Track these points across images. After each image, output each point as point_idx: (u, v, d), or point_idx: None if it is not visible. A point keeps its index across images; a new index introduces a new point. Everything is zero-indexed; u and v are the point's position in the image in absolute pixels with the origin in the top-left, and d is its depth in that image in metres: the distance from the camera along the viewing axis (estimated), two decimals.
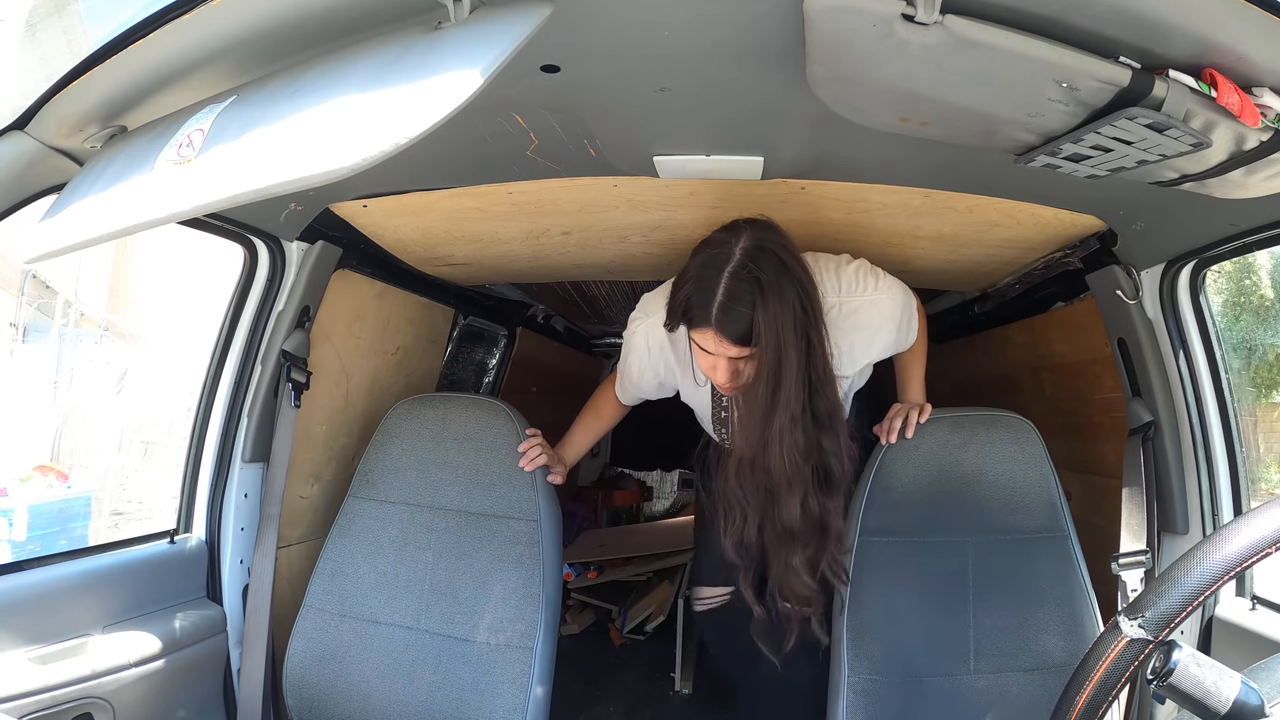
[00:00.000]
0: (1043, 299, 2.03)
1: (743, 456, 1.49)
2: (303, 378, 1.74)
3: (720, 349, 1.40)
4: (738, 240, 1.39)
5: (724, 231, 1.43)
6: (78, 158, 1.17)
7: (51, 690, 1.31)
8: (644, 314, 1.68)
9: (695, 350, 1.47)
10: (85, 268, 9.30)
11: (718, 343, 1.39)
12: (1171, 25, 0.86)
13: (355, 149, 0.80)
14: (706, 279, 1.38)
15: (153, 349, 8.90)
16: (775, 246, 1.40)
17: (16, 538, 5.33)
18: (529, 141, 1.33)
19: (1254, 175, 1.05)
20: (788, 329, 1.38)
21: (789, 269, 1.39)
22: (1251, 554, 0.76)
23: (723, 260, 1.37)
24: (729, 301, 1.35)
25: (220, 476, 1.72)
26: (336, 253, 1.78)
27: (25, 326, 9.21)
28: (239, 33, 0.96)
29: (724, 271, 1.37)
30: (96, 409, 8.47)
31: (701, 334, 1.40)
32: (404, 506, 1.78)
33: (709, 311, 1.37)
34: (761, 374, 1.40)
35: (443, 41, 0.85)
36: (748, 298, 1.35)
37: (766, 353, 1.38)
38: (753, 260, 1.37)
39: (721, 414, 1.71)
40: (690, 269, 1.42)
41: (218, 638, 1.65)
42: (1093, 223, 1.60)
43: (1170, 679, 0.74)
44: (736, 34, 0.98)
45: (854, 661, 1.59)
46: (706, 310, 1.37)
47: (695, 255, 1.44)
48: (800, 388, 1.43)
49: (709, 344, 1.40)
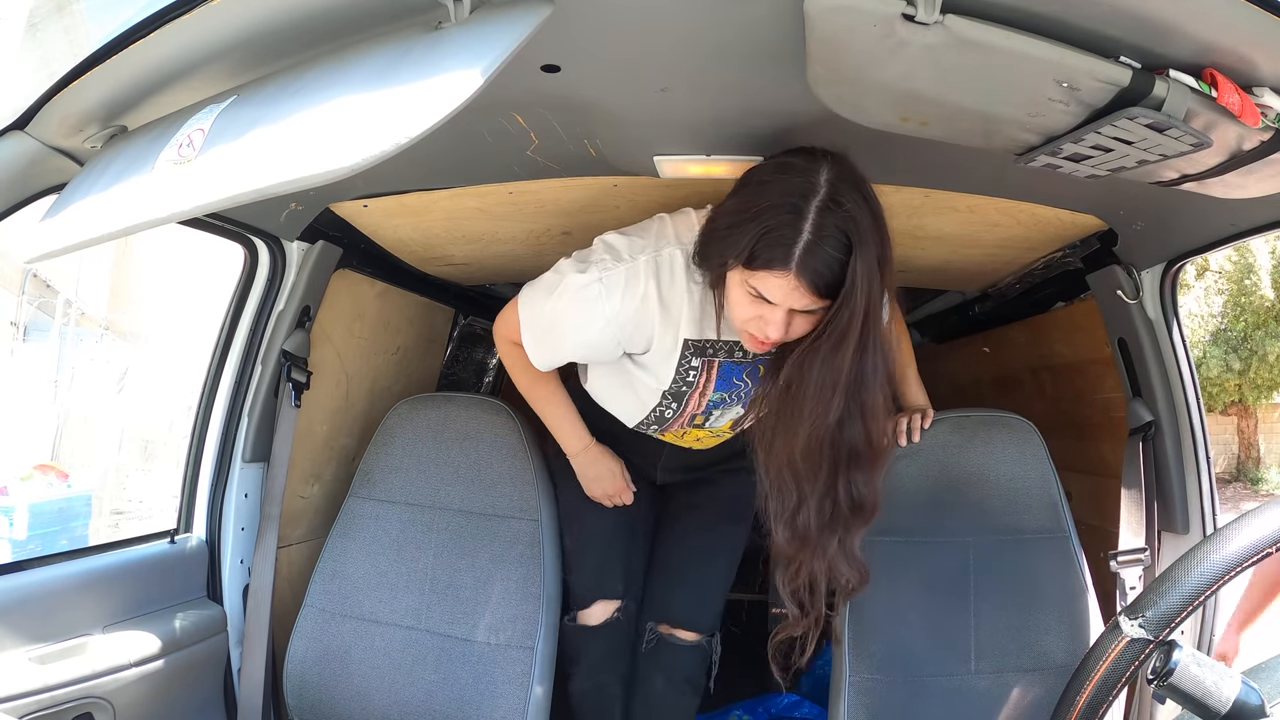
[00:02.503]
0: (1043, 299, 2.03)
1: (814, 431, 1.25)
2: (303, 377, 1.74)
3: (790, 298, 1.17)
4: (821, 169, 1.16)
5: (799, 156, 1.19)
6: (78, 158, 1.16)
7: (51, 690, 1.31)
8: (623, 256, 1.36)
9: (736, 298, 1.23)
10: (86, 267, 9.32)
11: (791, 290, 1.16)
12: (1172, 25, 0.86)
13: (355, 149, 0.80)
14: (788, 210, 1.14)
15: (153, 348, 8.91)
16: (862, 183, 1.19)
17: (17, 536, 5.34)
18: (529, 141, 1.33)
19: (1254, 175, 1.05)
20: (878, 282, 1.17)
21: (876, 213, 1.19)
22: (1252, 554, 0.76)
23: (807, 191, 1.15)
24: (818, 241, 1.13)
25: (220, 476, 1.72)
26: (337, 253, 1.78)
27: (26, 325, 9.22)
28: (239, 33, 0.96)
29: (810, 204, 1.14)
30: (97, 408, 8.48)
31: (769, 278, 1.16)
32: (404, 506, 1.78)
33: (790, 251, 1.14)
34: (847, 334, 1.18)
35: (443, 41, 0.85)
36: (840, 240, 1.14)
37: (854, 309, 1.16)
38: (845, 196, 1.15)
39: (682, 388, 1.46)
40: (759, 196, 1.18)
41: (218, 638, 1.65)
42: (1093, 223, 1.60)
43: (1170, 679, 0.75)
44: (737, 34, 0.98)
45: (855, 661, 1.59)
46: (787, 250, 1.14)
47: (761, 181, 1.20)
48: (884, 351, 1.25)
49: (775, 291, 1.17)
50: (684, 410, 1.53)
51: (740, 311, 1.25)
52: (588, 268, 1.38)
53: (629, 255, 1.37)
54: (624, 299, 1.36)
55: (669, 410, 1.53)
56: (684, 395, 1.49)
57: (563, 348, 1.49)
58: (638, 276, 1.36)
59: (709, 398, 1.51)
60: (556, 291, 1.41)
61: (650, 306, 1.37)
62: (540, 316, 1.46)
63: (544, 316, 1.45)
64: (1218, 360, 10.20)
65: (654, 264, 1.36)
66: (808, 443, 1.27)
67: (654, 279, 1.36)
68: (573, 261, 1.41)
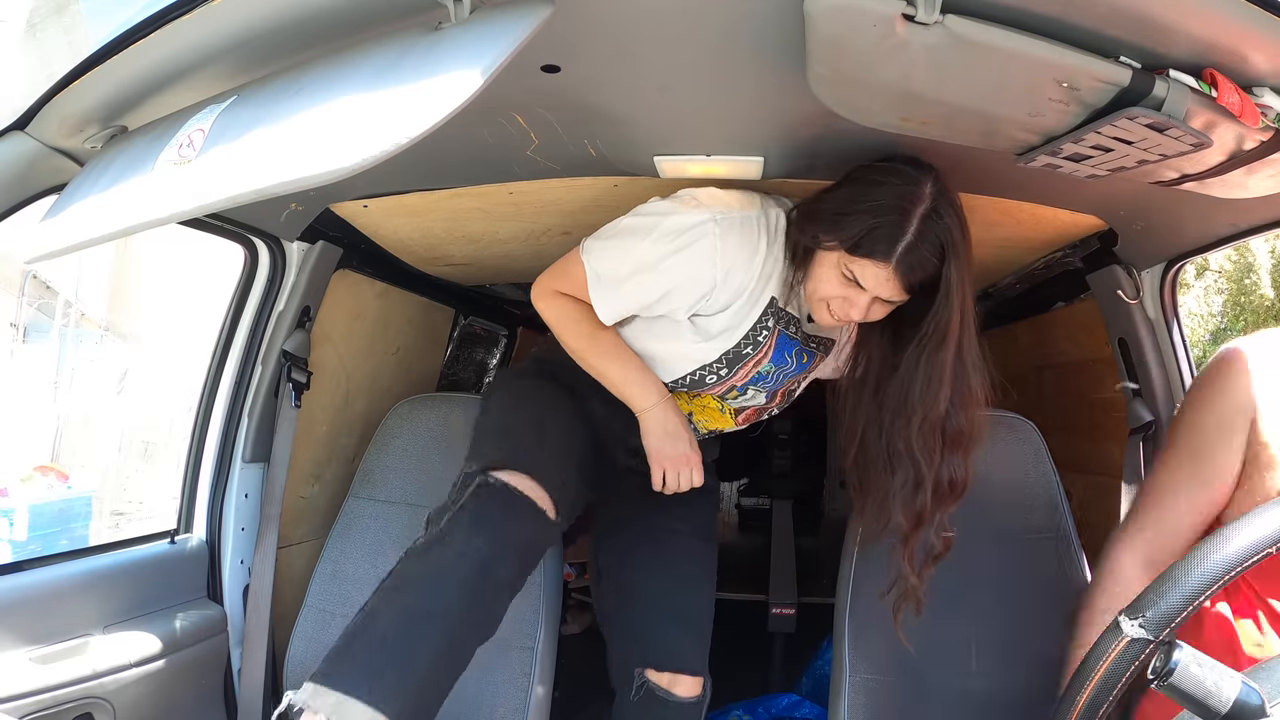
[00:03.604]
0: (1043, 299, 2.03)
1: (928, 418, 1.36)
2: (303, 378, 1.74)
3: (882, 288, 1.30)
4: (928, 181, 1.28)
5: (908, 164, 1.30)
6: (78, 158, 1.16)
7: (52, 690, 1.31)
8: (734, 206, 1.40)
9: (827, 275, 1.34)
10: (86, 268, 9.30)
11: (885, 280, 1.29)
12: (1172, 25, 0.86)
13: (355, 149, 0.80)
14: (896, 211, 1.26)
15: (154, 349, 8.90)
16: (956, 200, 1.31)
17: (17, 538, 5.34)
18: (529, 141, 1.33)
19: (1254, 175, 1.05)
20: (970, 286, 1.32)
21: (965, 228, 1.31)
22: (1252, 554, 0.76)
23: (915, 198, 1.26)
24: (918, 243, 1.26)
25: (221, 477, 1.72)
26: (337, 253, 1.78)
27: (26, 327, 9.21)
28: (239, 33, 0.96)
29: (917, 210, 1.26)
30: (97, 409, 8.48)
31: (870, 265, 1.28)
32: (404, 506, 1.78)
33: (893, 248, 1.26)
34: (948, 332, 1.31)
35: (443, 41, 0.85)
36: (936, 246, 1.27)
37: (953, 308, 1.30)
38: (944, 210, 1.28)
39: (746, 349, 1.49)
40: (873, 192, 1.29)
41: (218, 638, 1.65)
42: (1093, 222, 1.60)
43: (1171, 679, 0.75)
44: (737, 34, 0.98)
45: (855, 660, 1.59)
46: (891, 245, 1.26)
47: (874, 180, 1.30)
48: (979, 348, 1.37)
49: (870, 278, 1.29)
50: (730, 378, 1.53)
51: (827, 288, 1.35)
52: (696, 209, 1.38)
53: (740, 207, 1.40)
54: (740, 244, 1.39)
55: (715, 375, 1.53)
56: (742, 359, 1.50)
57: (645, 293, 1.44)
58: (752, 226, 1.40)
59: (761, 367, 1.53)
60: (654, 234, 1.39)
61: (757, 260, 1.41)
62: (625, 261, 1.43)
63: (631, 260, 1.42)
64: None
65: (765, 220, 1.41)
66: (922, 428, 1.37)
67: (765, 235, 1.41)
68: (664, 205, 1.42)
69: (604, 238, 1.46)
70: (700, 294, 1.42)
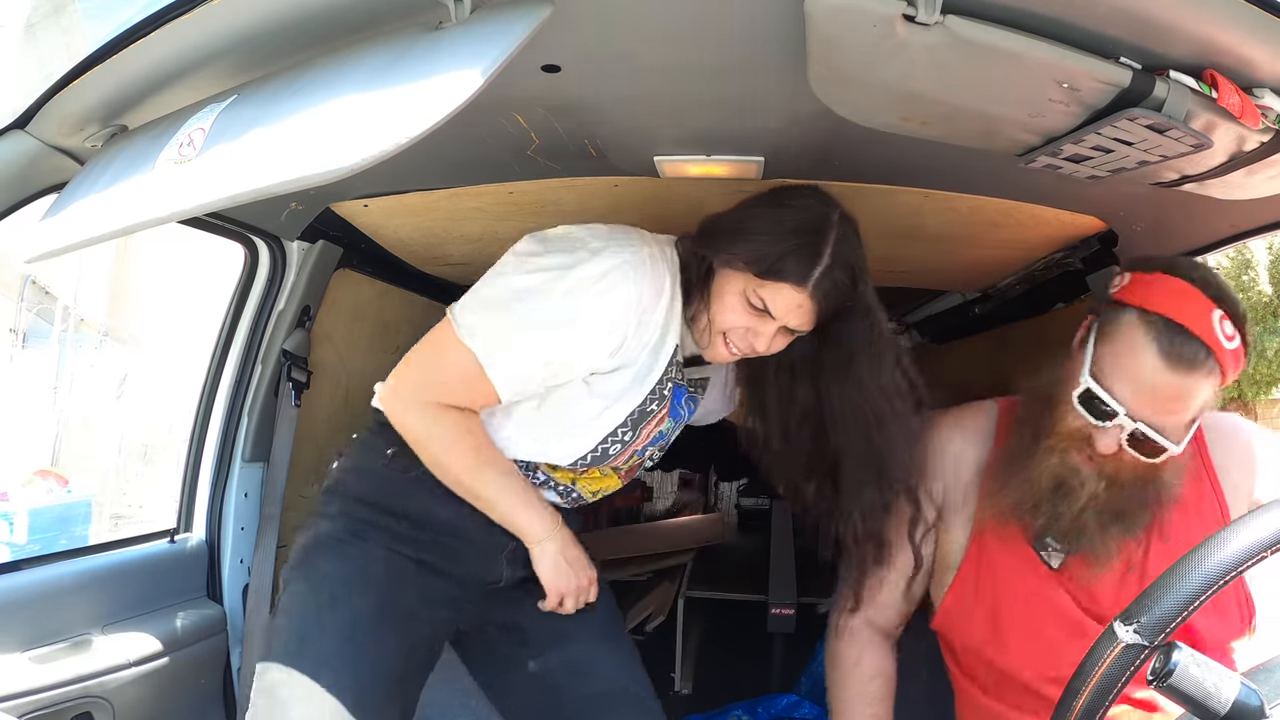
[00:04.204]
0: (1043, 299, 2.03)
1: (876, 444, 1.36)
2: (303, 377, 1.74)
3: (792, 315, 1.25)
4: (833, 210, 1.27)
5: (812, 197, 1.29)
6: (78, 157, 1.17)
7: (51, 689, 1.31)
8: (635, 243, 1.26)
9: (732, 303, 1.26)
10: (85, 272, 9.31)
11: (796, 307, 1.24)
12: (1172, 26, 0.86)
13: (355, 149, 0.80)
14: (813, 233, 1.23)
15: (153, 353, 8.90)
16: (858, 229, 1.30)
17: (17, 541, 5.34)
18: (529, 141, 1.33)
19: (1255, 176, 1.05)
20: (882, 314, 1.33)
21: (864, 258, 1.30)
22: (1248, 558, 0.76)
23: (825, 224, 1.24)
24: (833, 267, 1.23)
25: (220, 476, 1.72)
26: (337, 252, 1.78)
27: (25, 332, 9.22)
28: (239, 33, 0.96)
29: (830, 235, 1.24)
30: (97, 413, 8.48)
31: (784, 289, 1.22)
32: None
33: (810, 271, 1.22)
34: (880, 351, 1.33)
35: (443, 41, 0.85)
36: (849, 272, 1.25)
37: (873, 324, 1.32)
38: (853, 239, 1.27)
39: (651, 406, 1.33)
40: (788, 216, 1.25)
41: (218, 637, 1.65)
42: (1093, 223, 1.60)
43: (1170, 680, 0.74)
44: (737, 34, 0.98)
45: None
46: (808, 268, 1.22)
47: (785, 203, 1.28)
48: None
49: (782, 304, 1.23)
50: (634, 442, 1.36)
51: (731, 317, 1.26)
52: (605, 252, 1.23)
53: (642, 242, 1.27)
54: (652, 284, 1.24)
55: (619, 443, 1.34)
56: (647, 418, 1.34)
57: (556, 360, 1.24)
58: (659, 263, 1.26)
59: (661, 426, 1.39)
60: (562, 286, 1.21)
61: (664, 302, 1.27)
62: (528, 327, 1.22)
63: (535, 323, 1.22)
64: None
65: (664, 256, 1.29)
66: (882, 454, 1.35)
67: (669, 272, 1.28)
68: (557, 255, 1.24)
69: (490, 307, 1.24)
70: (611, 349, 1.25)
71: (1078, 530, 1.23)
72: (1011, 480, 1.28)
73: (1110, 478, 1.21)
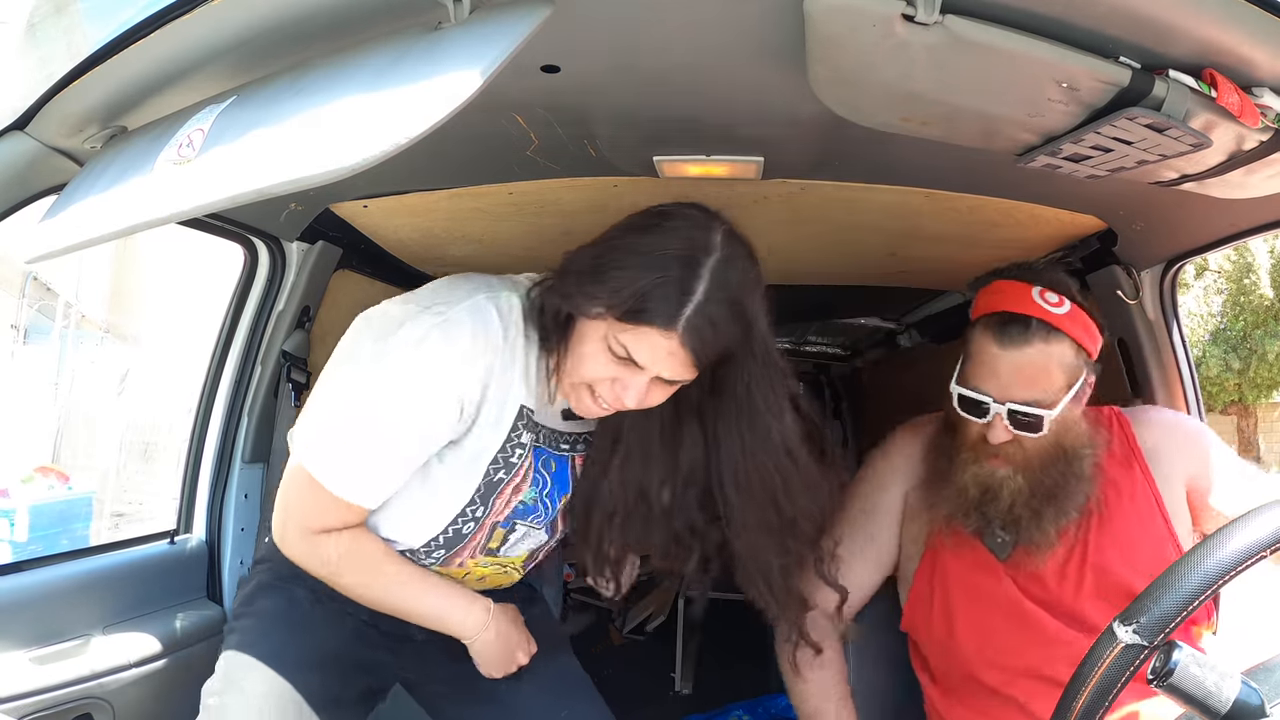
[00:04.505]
0: None
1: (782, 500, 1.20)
2: (303, 378, 1.74)
3: (662, 363, 1.04)
4: (712, 232, 1.05)
5: (693, 208, 1.09)
6: (78, 158, 1.16)
7: (51, 690, 1.31)
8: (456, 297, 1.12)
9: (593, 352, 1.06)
10: (86, 270, 9.32)
11: (667, 355, 1.03)
12: (1172, 25, 0.86)
13: (355, 149, 0.80)
14: (683, 263, 1.02)
15: (154, 350, 8.91)
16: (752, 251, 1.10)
17: (18, 539, 5.34)
18: (529, 141, 1.33)
19: (1254, 175, 1.05)
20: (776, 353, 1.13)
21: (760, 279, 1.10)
22: (1247, 557, 0.76)
23: (699, 251, 1.03)
24: (709, 303, 1.01)
25: (220, 477, 1.72)
26: (337, 253, 1.78)
27: (27, 328, 9.23)
28: (239, 33, 0.96)
29: (706, 264, 1.02)
30: (98, 410, 8.49)
31: (649, 334, 1.02)
32: None
33: (677, 312, 1.00)
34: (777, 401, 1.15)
35: (443, 41, 0.85)
36: (731, 307, 1.03)
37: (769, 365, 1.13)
38: (739, 259, 1.06)
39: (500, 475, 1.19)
40: (648, 243, 1.04)
41: (218, 638, 1.64)
42: (1093, 223, 1.60)
43: (1170, 679, 0.74)
44: (737, 34, 0.98)
45: (855, 660, 1.59)
46: (674, 309, 1.00)
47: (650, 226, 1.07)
48: None
49: (647, 351, 1.03)
50: (488, 516, 1.21)
51: (593, 369, 1.07)
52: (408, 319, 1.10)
53: (465, 294, 1.12)
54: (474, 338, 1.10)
55: (471, 520, 1.21)
56: (496, 488, 1.19)
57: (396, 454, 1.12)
58: (483, 313, 1.11)
59: (521, 495, 1.23)
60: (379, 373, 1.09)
61: (496, 357, 1.12)
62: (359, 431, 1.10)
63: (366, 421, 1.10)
64: (1217, 359, 10.22)
65: (496, 305, 1.13)
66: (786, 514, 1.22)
67: (501, 321, 1.12)
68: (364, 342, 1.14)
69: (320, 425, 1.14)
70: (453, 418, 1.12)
71: (1014, 523, 1.30)
72: (942, 493, 1.35)
73: (1023, 468, 1.28)
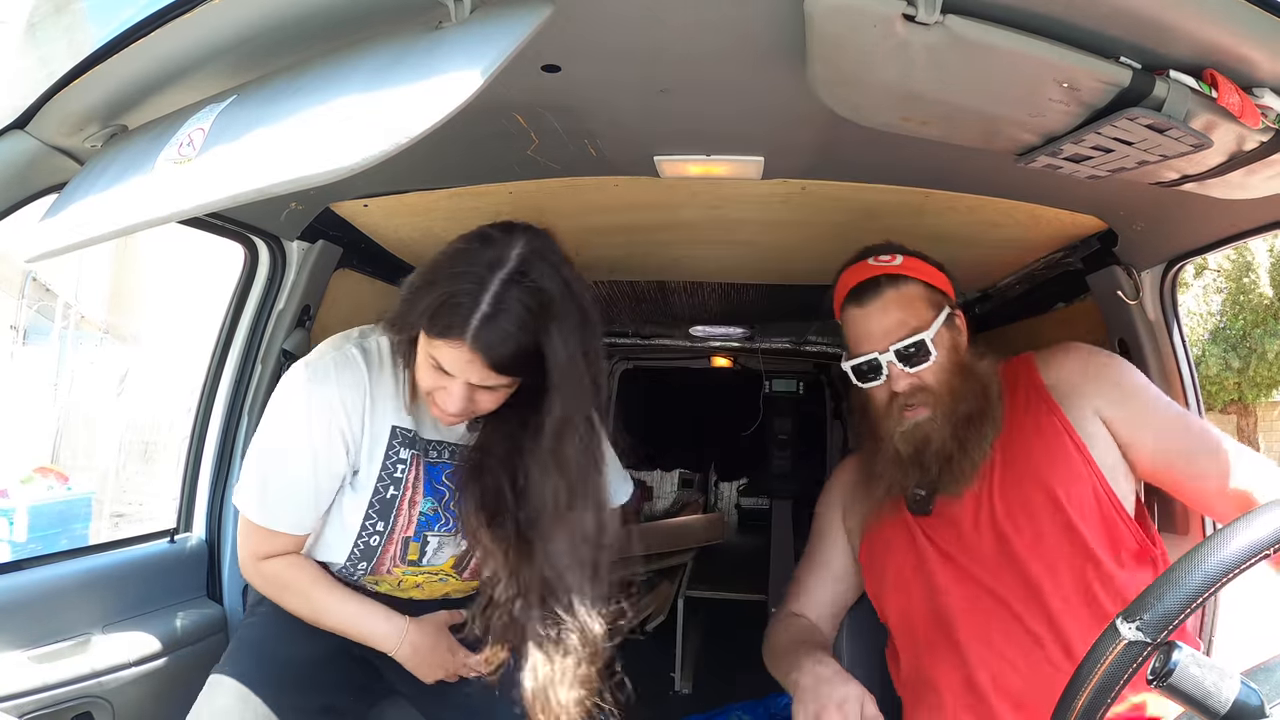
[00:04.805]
0: (1043, 299, 2.03)
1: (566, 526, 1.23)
2: None
3: (465, 371, 1.15)
4: (515, 242, 1.16)
5: (498, 229, 1.19)
6: (78, 157, 1.17)
7: (51, 689, 1.31)
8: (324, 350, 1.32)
9: (421, 365, 1.20)
10: (86, 270, 9.32)
11: (466, 363, 1.14)
12: (1172, 26, 0.86)
13: (355, 149, 0.80)
14: (470, 279, 1.13)
15: (153, 351, 8.91)
16: (555, 256, 1.18)
17: (17, 539, 5.34)
18: (529, 141, 1.33)
19: (1255, 176, 1.05)
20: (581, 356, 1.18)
21: (570, 283, 1.18)
22: (1251, 555, 0.76)
23: (496, 262, 1.14)
24: (495, 314, 1.11)
25: (220, 476, 1.72)
26: (337, 252, 1.78)
27: (26, 329, 9.23)
28: (239, 33, 0.96)
29: (495, 275, 1.12)
30: (97, 411, 8.49)
31: (445, 347, 1.14)
32: None
33: (466, 322, 1.11)
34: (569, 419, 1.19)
35: (443, 41, 0.85)
36: (522, 315, 1.12)
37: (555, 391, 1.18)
38: (534, 269, 1.15)
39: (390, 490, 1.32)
40: (450, 263, 1.17)
41: (218, 637, 1.65)
42: (1093, 223, 1.60)
43: (1170, 679, 0.74)
44: (737, 34, 0.98)
45: (855, 659, 1.59)
46: (464, 320, 1.11)
47: (457, 249, 1.19)
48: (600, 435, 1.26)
49: (450, 361, 1.15)
50: (393, 529, 1.33)
51: (424, 379, 1.21)
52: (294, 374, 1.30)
53: (334, 346, 1.32)
54: (339, 381, 1.27)
55: (376, 534, 1.33)
56: (393, 504, 1.33)
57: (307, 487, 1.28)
58: (346, 359, 1.29)
59: (420, 507, 1.34)
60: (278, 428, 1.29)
61: (362, 392, 1.29)
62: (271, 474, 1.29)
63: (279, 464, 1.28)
64: (1217, 358, 10.20)
65: (360, 349, 1.31)
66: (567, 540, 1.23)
67: (362, 363, 1.29)
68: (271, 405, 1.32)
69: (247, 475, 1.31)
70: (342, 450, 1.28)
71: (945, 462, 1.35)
72: (875, 470, 1.42)
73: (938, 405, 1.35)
